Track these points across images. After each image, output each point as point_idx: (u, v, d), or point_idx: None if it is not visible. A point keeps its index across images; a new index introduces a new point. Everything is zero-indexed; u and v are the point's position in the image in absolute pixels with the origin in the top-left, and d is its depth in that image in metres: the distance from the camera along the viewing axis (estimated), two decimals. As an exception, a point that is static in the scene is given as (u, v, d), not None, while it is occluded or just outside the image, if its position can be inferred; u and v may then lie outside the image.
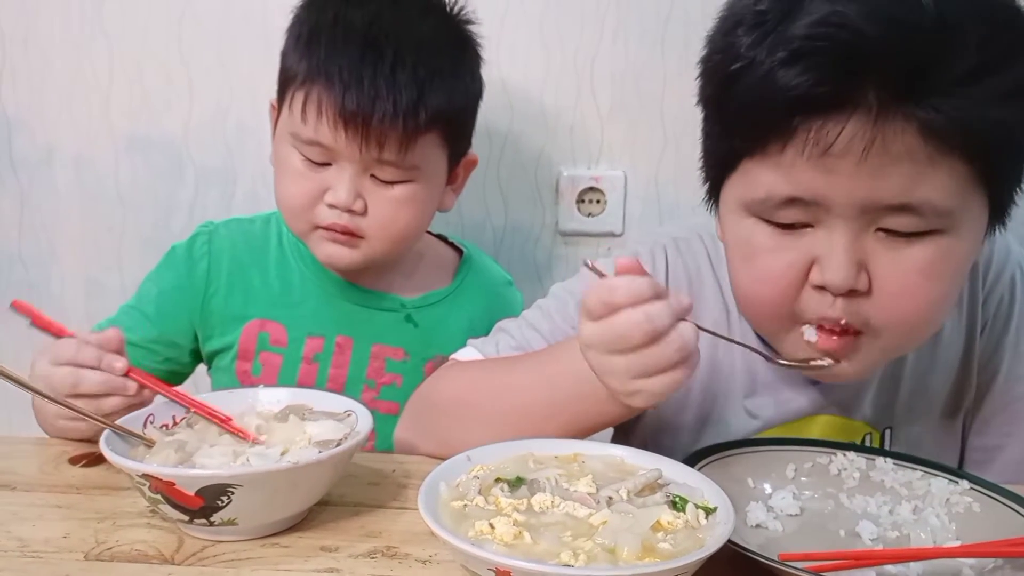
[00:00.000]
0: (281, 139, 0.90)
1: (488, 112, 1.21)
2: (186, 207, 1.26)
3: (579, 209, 1.23)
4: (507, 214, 1.25)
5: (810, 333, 0.68)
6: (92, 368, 0.71)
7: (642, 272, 0.60)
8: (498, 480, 0.60)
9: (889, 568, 0.59)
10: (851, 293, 0.65)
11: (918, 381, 0.83)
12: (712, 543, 0.51)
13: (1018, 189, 0.67)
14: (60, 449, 0.77)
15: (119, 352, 0.73)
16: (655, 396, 0.61)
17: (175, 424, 0.70)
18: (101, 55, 1.22)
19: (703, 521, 0.56)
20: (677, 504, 0.57)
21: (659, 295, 0.59)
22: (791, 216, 0.65)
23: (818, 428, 0.82)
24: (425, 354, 0.99)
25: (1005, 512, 0.64)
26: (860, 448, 0.74)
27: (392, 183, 0.88)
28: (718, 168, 0.72)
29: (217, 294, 0.98)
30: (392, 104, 0.83)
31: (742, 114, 0.64)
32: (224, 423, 0.69)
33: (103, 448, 0.61)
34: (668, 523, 0.55)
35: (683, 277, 0.83)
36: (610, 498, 0.57)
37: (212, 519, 0.60)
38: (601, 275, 0.61)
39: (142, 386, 0.72)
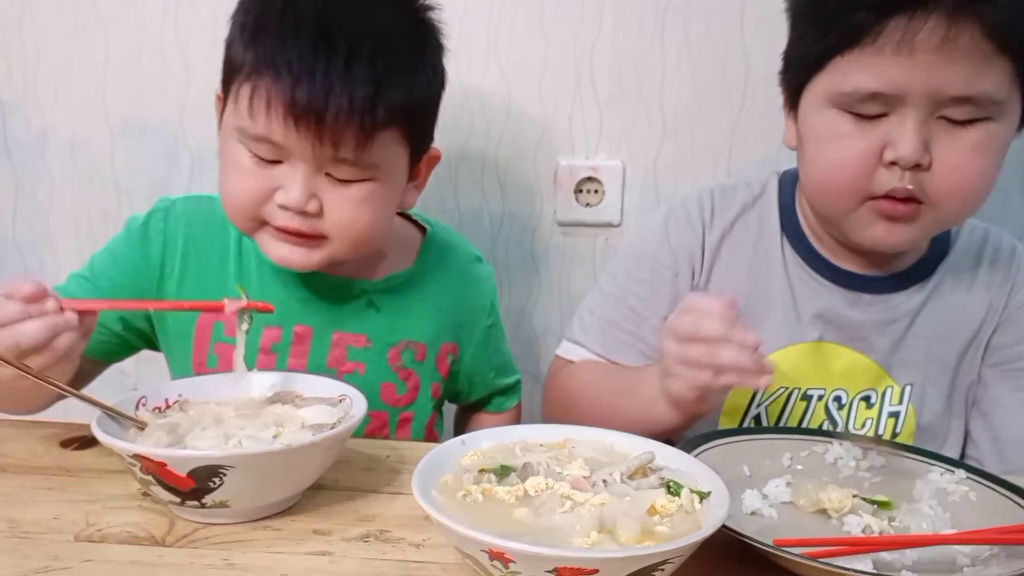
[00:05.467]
0: (227, 134, 0.84)
1: (486, 101, 1.20)
2: (181, 192, 1.24)
3: (577, 199, 1.22)
4: (504, 204, 1.24)
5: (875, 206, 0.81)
6: (23, 320, 0.66)
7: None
8: (483, 471, 0.59)
9: (884, 555, 0.59)
10: (916, 168, 0.77)
11: (938, 343, 0.90)
12: (710, 524, 0.51)
13: None
14: (51, 431, 0.77)
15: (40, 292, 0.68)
16: (684, 382, 0.73)
17: (167, 407, 0.70)
18: (96, 38, 1.21)
19: (698, 506, 0.56)
20: (672, 488, 0.57)
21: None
22: (871, 108, 0.78)
23: (843, 361, 0.90)
24: (388, 339, 0.94)
25: (1000, 500, 0.65)
26: (855, 437, 0.75)
27: (350, 182, 0.82)
28: (805, 69, 0.83)
29: (171, 277, 0.92)
30: (348, 100, 0.77)
31: (842, 12, 0.77)
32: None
33: (95, 430, 0.61)
34: (662, 507, 0.55)
35: (727, 218, 0.95)
36: (604, 481, 0.57)
37: (204, 501, 0.60)
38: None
39: (83, 313, 0.69)
